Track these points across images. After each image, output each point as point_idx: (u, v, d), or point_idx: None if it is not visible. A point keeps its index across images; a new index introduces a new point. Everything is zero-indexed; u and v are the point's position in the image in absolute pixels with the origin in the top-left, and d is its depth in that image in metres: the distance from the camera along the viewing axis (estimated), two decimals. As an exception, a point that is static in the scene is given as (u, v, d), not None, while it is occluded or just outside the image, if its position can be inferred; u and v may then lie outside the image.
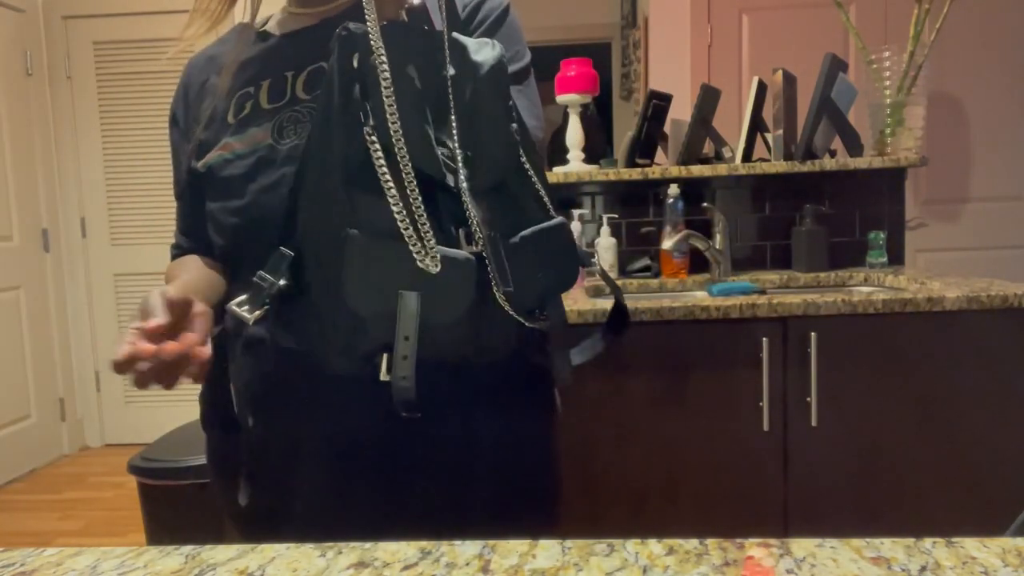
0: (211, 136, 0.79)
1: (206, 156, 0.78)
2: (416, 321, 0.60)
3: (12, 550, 0.50)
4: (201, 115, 0.82)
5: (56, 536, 2.69)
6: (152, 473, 1.74)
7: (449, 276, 0.61)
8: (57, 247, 3.63)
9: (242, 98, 0.79)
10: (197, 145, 0.80)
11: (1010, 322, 1.53)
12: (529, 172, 0.71)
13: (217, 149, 0.77)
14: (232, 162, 0.76)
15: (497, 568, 0.44)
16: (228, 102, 0.79)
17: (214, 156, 0.77)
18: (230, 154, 0.76)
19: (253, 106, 0.77)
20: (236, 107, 0.78)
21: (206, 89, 0.83)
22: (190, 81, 0.87)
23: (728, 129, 2.19)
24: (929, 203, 3.02)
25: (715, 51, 3.10)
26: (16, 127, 3.41)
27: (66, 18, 3.55)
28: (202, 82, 0.84)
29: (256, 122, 0.76)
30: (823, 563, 0.43)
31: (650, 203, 2.17)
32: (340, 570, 0.45)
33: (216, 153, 0.77)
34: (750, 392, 1.55)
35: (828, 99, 1.98)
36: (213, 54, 0.86)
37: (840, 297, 1.53)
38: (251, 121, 0.76)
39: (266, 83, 0.78)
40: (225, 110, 0.79)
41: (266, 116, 0.76)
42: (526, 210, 0.70)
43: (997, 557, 0.43)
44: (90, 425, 3.74)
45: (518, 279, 0.65)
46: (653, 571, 0.43)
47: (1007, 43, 2.94)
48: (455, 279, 0.62)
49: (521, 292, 0.65)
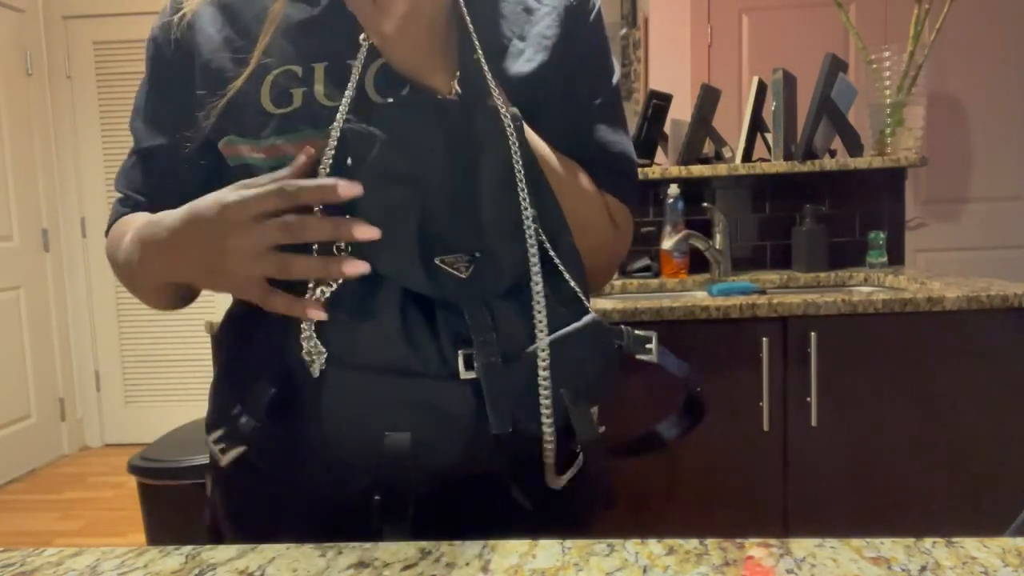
0: (238, 121, 0.62)
1: (238, 150, 0.63)
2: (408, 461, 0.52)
3: (12, 550, 0.50)
4: (206, 71, 0.64)
5: (56, 536, 2.69)
6: (152, 473, 1.74)
7: (445, 408, 0.53)
8: (57, 247, 3.63)
9: (285, 79, 0.61)
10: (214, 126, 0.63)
11: (1010, 322, 1.53)
12: (559, 266, 0.58)
13: (258, 149, 0.62)
14: None
15: (497, 568, 0.44)
16: (261, 79, 0.61)
17: (255, 158, 0.62)
18: (276, 160, 0.61)
19: (306, 98, 0.61)
20: (276, 91, 0.61)
21: (216, 42, 0.64)
22: (193, 22, 0.65)
23: (728, 129, 2.19)
24: (929, 203, 3.02)
25: (715, 51, 3.10)
26: (16, 127, 3.41)
27: (66, 18, 3.56)
28: (212, 33, 0.64)
29: (312, 121, 0.60)
30: (823, 563, 0.43)
31: (650, 203, 2.17)
32: (340, 570, 0.45)
33: (259, 156, 0.62)
34: (750, 392, 1.55)
35: (828, 99, 1.97)
36: (230, 1, 0.65)
37: (840, 297, 1.53)
38: (304, 119, 0.60)
39: (320, 67, 0.61)
40: (256, 89, 0.61)
41: (326, 118, 0.57)
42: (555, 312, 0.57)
43: (997, 557, 0.43)
44: (90, 425, 3.74)
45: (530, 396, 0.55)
46: (653, 571, 0.43)
47: (1007, 43, 2.94)
48: (450, 411, 0.53)
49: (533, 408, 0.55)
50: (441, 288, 0.53)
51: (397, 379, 0.52)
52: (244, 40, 0.63)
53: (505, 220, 0.56)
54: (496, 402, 0.53)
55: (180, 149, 0.67)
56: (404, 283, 0.53)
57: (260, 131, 0.61)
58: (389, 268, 0.52)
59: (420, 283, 0.53)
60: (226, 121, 0.63)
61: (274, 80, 0.61)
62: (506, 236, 0.55)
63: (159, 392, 3.70)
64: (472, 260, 0.54)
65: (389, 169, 0.53)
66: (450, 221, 0.54)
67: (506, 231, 0.55)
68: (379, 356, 0.52)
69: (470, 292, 0.54)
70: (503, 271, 0.55)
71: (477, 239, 0.55)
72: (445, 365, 0.53)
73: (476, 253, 0.55)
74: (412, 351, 0.52)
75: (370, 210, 0.52)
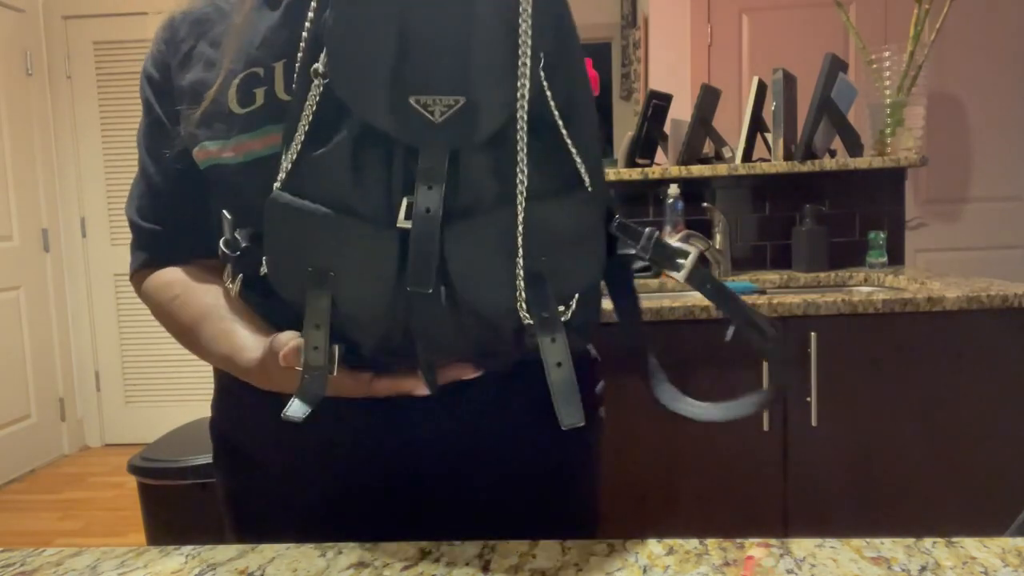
0: (209, 126, 0.64)
1: (209, 152, 0.65)
2: (326, 309, 0.50)
3: (12, 550, 0.50)
4: (184, 90, 0.67)
5: (56, 536, 2.68)
6: (152, 473, 1.74)
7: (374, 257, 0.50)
8: (57, 247, 3.63)
9: (249, 82, 0.63)
10: (189, 135, 0.66)
11: (1010, 322, 1.53)
12: (558, 121, 0.51)
13: (227, 149, 0.64)
14: (249, 167, 0.62)
15: (497, 568, 0.44)
16: (228, 84, 0.64)
17: (225, 157, 0.64)
18: (244, 156, 0.63)
19: (268, 95, 0.62)
20: (242, 93, 0.63)
21: (192, 57, 0.68)
22: (172, 39, 0.70)
23: (728, 129, 2.19)
24: (929, 203, 3.02)
25: (715, 51, 3.09)
26: (16, 127, 3.40)
27: (66, 18, 3.55)
28: (188, 49, 0.68)
29: (274, 117, 0.61)
30: (823, 563, 0.43)
31: (650, 203, 2.17)
32: (340, 570, 0.45)
33: (229, 154, 0.64)
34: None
35: (828, 99, 1.97)
36: (202, 16, 0.69)
37: (840, 297, 1.53)
38: (267, 116, 0.62)
39: (280, 65, 0.63)
40: (225, 94, 0.64)
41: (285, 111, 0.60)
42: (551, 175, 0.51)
43: (997, 557, 0.43)
44: (90, 425, 3.74)
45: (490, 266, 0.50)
46: (653, 571, 0.43)
47: (1007, 43, 2.93)
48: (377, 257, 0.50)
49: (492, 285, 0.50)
50: (404, 128, 0.48)
51: (332, 214, 0.49)
52: (214, 51, 0.66)
53: (493, 64, 0.48)
54: (421, 257, 0.47)
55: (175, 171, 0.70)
56: (364, 115, 0.48)
57: (228, 132, 0.63)
58: (350, 93, 0.48)
59: (382, 118, 0.48)
60: (200, 129, 0.65)
61: (239, 83, 0.63)
62: (492, 81, 0.48)
63: (159, 392, 3.70)
64: (453, 105, 0.47)
65: None
66: (432, 58, 0.47)
67: (492, 75, 0.48)
68: (319, 188, 0.50)
69: (437, 136, 0.47)
70: (480, 117, 0.48)
71: (460, 82, 0.47)
72: (389, 211, 0.49)
73: (459, 98, 0.47)
74: (356, 189, 0.49)
75: (338, 26, 0.47)
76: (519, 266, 0.49)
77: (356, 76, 0.48)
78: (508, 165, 0.49)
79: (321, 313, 0.50)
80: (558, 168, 0.51)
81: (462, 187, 0.49)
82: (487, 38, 0.47)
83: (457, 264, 0.49)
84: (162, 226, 0.73)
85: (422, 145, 0.48)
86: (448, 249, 0.48)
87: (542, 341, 0.50)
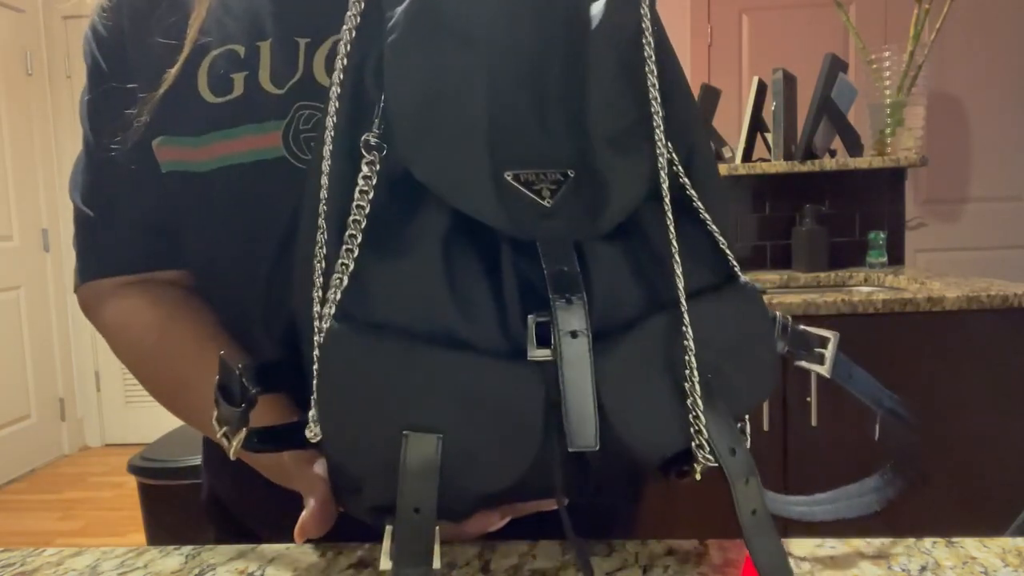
0: (170, 115, 0.50)
1: (171, 153, 0.51)
2: (435, 480, 0.33)
3: (12, 550, 0.50)
4: (140, 63, 0.52)
5: (56, 536, 2.69)
6: (152, 473, 1.74)
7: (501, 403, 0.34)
8: (57, 247, 3.63)
9: (223, 62, 0.49)
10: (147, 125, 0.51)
11: (1010, 322, 1.53)
12: (695, 202, 0.40)
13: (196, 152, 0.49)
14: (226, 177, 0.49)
15: (497, 568, 0.44)
16: (197, 62, 0.49)
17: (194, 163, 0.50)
18: (218, 162, 0.49)
19: (249, 84, 0.49)
20: (214, 76, 0.49)
21: (153, 19, 0.51)
22: (120, 5, 0.53)
23: (728, 129, 2.19)
24: (929, 203, 3.02)
25: (715, 51, 3.10)
26: (16, 127, 3.41)
27: (66, 18, 3.56)
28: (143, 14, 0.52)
29: (255, 114, 0.48)
30: (823, 563, 0.43)
31: (650, 203, 2.17)
32: (340, 570, 0.45)
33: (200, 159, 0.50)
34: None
35: (828, 99, 1.98)
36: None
37: (840, 297, 1.53)
38: (247, 112, 0.49)
39: (266, 45, 0.49)
40: (192, 75, 0.49)
41: (271, 107, 0.48)
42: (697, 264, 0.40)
43: (997, 557, 0.43)
44: (90, 425, 3.74)
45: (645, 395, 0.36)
46: (653, 571, 0.43)
47: (1007, 43, 2.94)
48: (511, 408, 0.34)
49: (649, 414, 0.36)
50: (510, 218, 0.35)
51: (430, 350, 0.34)
52: (176, 16, 0.50)
53: (617, 126, 0.37)
54: (579, 400, 0.33)
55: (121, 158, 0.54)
56: (456, 201, 0.35)
57: (197, 127, 0.49)
58: (432, 174, 0.34)
59: (482, 205, 0.35)
60: (159, 115, 0.50)
61: (212, 62, 0.49)
62: (618, 148, 0.37)
63: (159, 392, 3.70)
64: (562, 181, 0.36)
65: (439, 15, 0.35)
66: (531, 120, 0.36)
67: (618, 141, 0.37)
68: (405, 313, 0.34)
69: (555, 227, 0.35)
70: (609, 199, 0.36)
71: (572, 150, 0.36)
72: (507, 337, 0.35)
73: (568, 171, 0.36)
74: (458, 309, 0.34)
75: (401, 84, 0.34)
76: (696, 392, 0.36)
77: (441, 150, 0.35)
78: (647, 256, 0.38)
79: (423, 493, 0.33)
80: (701, 254, 0.40)
81: (596, 295, 0.36)
82: (604, 86, 0.36)
83: (612, 400, 0.35)
84: (115, 218, 0.56)
85: (540, 240, 0.35)
86: (600, 382, 0.34)
87: (735, 488, 0.38)
